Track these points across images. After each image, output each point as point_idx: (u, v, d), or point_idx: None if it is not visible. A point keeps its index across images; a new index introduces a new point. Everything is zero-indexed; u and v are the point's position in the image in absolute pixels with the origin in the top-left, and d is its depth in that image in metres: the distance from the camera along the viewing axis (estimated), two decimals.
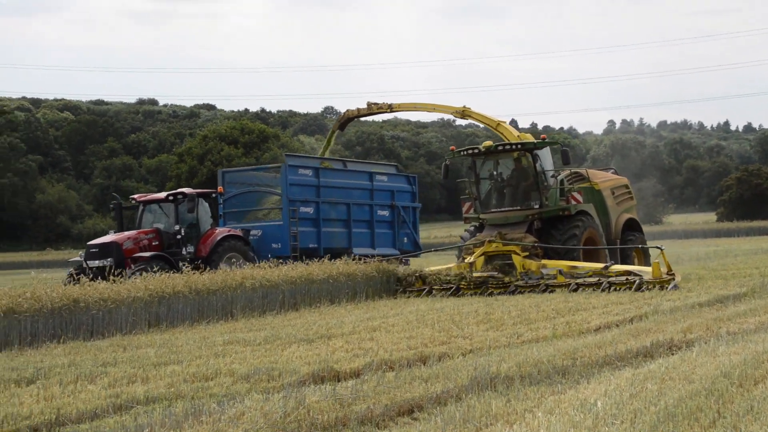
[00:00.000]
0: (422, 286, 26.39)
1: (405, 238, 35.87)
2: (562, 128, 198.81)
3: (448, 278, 26.03)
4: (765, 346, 12.68)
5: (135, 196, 31.21)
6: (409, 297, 25.48)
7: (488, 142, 28.75)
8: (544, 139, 29.73)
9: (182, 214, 28.80)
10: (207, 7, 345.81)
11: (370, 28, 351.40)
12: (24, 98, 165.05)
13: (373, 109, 35.02)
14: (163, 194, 29.84)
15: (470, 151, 28.87)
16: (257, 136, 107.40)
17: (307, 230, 31.82)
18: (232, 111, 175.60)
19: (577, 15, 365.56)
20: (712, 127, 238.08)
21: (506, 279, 25.24)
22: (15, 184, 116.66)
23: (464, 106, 32.92)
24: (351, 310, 22.68)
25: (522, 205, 28.06)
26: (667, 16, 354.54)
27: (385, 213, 35.15)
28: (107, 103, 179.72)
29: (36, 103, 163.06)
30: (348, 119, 35.95)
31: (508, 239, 26.42)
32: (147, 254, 27.24)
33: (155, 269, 24.43)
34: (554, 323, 17.06)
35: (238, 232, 30.08)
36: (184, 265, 25.66)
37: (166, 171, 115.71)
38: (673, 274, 23.96)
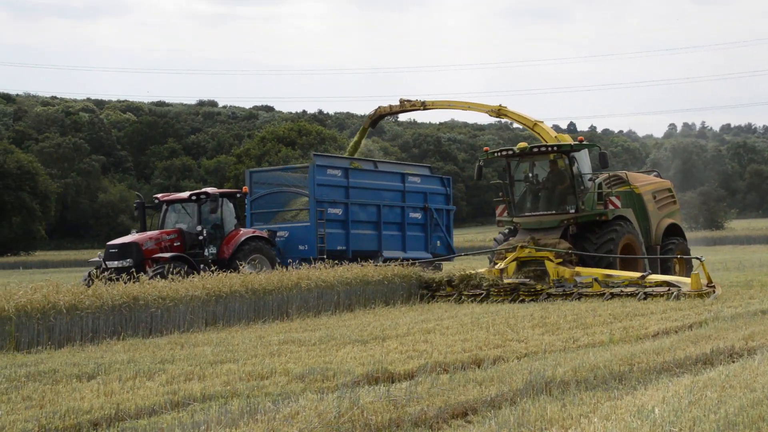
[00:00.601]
0: (451, 291, 25.57)
1: (438, 242, 35.24)
2: (621, 131, 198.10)
3: (479, 283, 25.08)
4: None
5: (158, 195, 30.86)
6: (439, 301, 25.14)
7: (523, 144, 27.98)
8: (581, 141, 28.23)
9: (205, 215, 28.45)
10: (265, 10, 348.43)
11: (429, 30, 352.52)
12: (88, 99, 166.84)
13: (406, 106, 34.36)
14: (186, 194, 29.53)
15: (505, 153, 28.18)
16: (314, 137, 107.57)
17: (336, 232, 31.34)
18: (290, 113, 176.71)
19: (639, 17, 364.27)
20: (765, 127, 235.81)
21: (538, 286, 24.40)
22: (78, 183, 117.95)
23: (500, 105, 32.27)
24: (405, 311, 22.61)
25: (557, 209, 27.24)
26: (731, 18, 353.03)
27: (418, 215, 34.49)
28: (168, 105, 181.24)
29: (100, 104, 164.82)
30: (380, 116, 35.45)
31: (541, 245, 25.87)
32: (167, 255, 26.88)
33: (175, 271, 23.62)
34: (611, 328, 16.91)
35: (263, 234, 29.65)
36: (204, 267, 25.55)
37: (225, 172, 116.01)
38: (714, 286, 23.19)
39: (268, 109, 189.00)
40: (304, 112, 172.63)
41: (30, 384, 12.58)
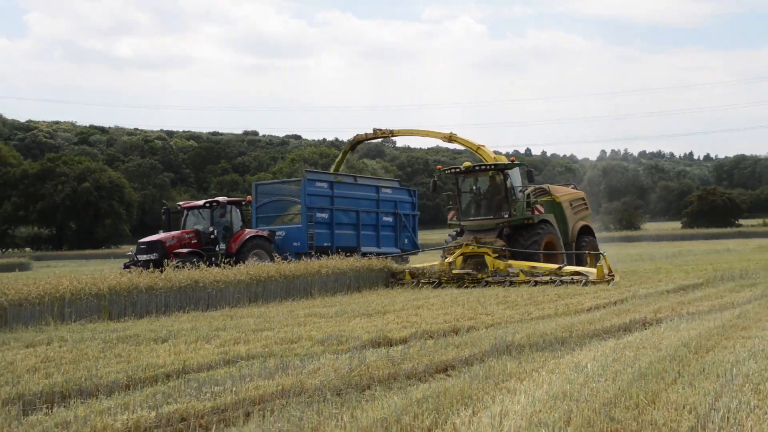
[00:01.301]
0: (411, 279, 24.99)
1: (406, 240, 34.50)
2: (565, 155, 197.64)
3: (432, 273, 24.75)
4: (716, 323, 12.72)
5: (180, 202, 30.26)
6: (404, 287, 24.45)
7: (467, 163, 27.70)
8: (513, 161, 28.17)
9: (216, 218, 27.68)
10: (295, 62, 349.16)
11: (418, 77, 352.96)
12: (161, 130, 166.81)
13: (378, 133, 33.45)
14: (201, 202, 28.92)
15: (453, 170, 27.62)
16: (332, 159, 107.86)
17: (322, 232, 30.44)
18: (314, 140, 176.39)
19: (579, 69, 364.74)
20: (680, 156, 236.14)
21: (479, 276, 23.86)
22: (154, 194, 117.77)
23: (451, 133, 31.62)
24: (401, 293, 22.56)
25: (494, 214, 26.48)
26: (652, 71, 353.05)
27: (389, 219, 33.71)
28: (221, 134, 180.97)
29: (170, 134, 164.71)
30: (358, 141, 34.46)
31: (481, 243, 25.19)
32: (185, 250, 26.39)
33: (193, 262, 23.23)
34: (556, 305, 16.94)
35: (264, 233, 28.99)
36: (215, 259, 25.24)
37: None
38: (613, 275, 22.67)
39: (297, 137, 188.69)
40: (324, 139, 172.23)
41: (119, 345, 12.62)
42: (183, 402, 8.04)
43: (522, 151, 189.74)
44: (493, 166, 26.97)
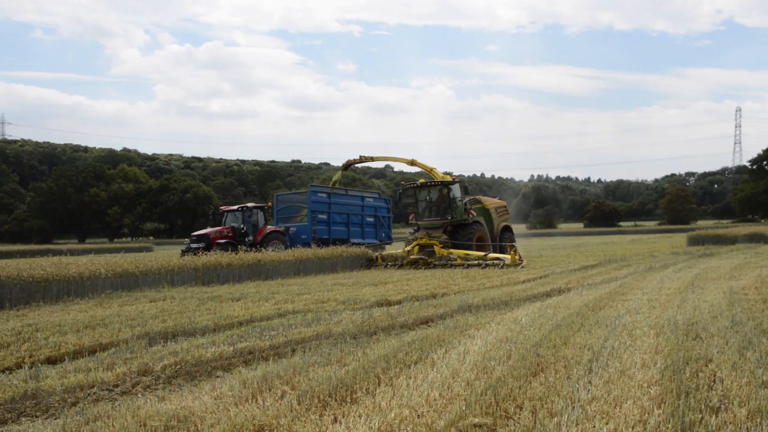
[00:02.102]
0: (381, 262, 23.78)
1: (383, 234, 33.05)
2: (508, 177, 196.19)
3: (396, 258, 23.56)
4: (605, 290, 12.66)
5: (222, 207, 28.93)
6: (385, 268, 23.12)
7: (422, 180, 26.80)
8: (454, 179, 26.71)
9: (246, 218, 26.48)
10: (326, 114, 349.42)
11: (409, 123, 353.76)
12: (238, 159, 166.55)
13: (363, 159, 31.39)
14: (236, 207, 27.38)
15: (412, 186, 26.63)
16: (351, 179, 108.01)
17: (323, 228, 29.09)
18: (339, 165, 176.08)
19: (515, 121, 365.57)
20: (581, 179, 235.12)
21: (429, 260, 22.68)
22: (232, 202, 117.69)
23: (413, 159, 29.91)
24: (398, 270, 22.44)
25: (441, 217, 25.17)
26: (562, 123, 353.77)
27: (371, 219, 32.37)
28: (277, 162, 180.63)
29: (243, 162, 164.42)
30: (349, 164, 32.36)
31: (431, 237, 24.11)
32: (222, 241, 25.33)
33: (228, 250, 22.89)
34: (501, 279, 16.86)
35: (280, 229, 27.60)
36: (243, 248, 23.59)
37: None
38: (522, 260, 21.51)
39: (327, 164, 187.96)
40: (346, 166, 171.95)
41: (209, 302, 12.56)
42: (250, 341, 8.00)
43: (478, 174, 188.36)
44: (439, 183, 25.76)
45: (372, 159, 31.33)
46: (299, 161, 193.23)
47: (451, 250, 22.90)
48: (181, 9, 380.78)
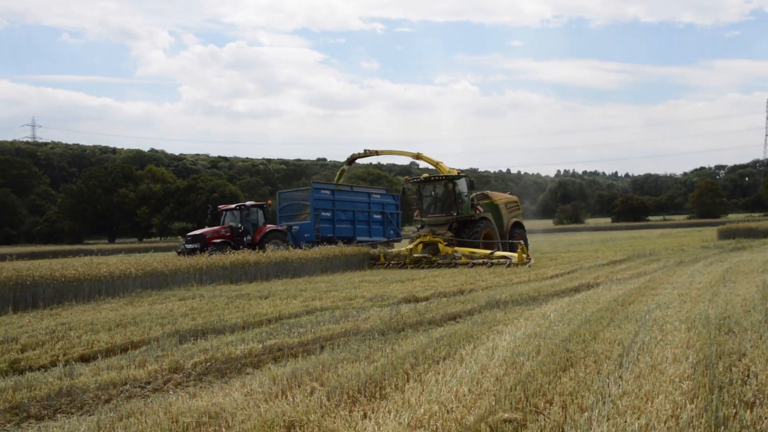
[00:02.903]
0: (384, 261, 22.69)
1: (392, 231, 31.58)
2: (537, 173, 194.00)
3: (399, 257, 22.55)
4: (634, 285, 12.55)
5: (220, 206, 27.61)
6: (386, 268, 22.04)
7: (426, 175, 25.69)
8: (459, 173, 25.34)
9: (244, 217, 25.59)
10: (351, 112, 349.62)
11: (433, 120, 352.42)
12: (264, 158, 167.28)
13: (367, 152, 30.45)
14: (233, 205, 26.58)
15: (416, 180, 25.40)
16: (376, 176, 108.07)
17: (326, 226, 27.91)
18: (363, 163, 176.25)
19: (539, 116, 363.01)
20: (608, 174, 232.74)
21: (433, 259, 21.50)
22: (258, 201, 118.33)
23: (418, 152, 28.86)
24: (425, 268, 22.43)
25: (446, 213, 24.12)
26: (588, 117, 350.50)
27: (379, 216, 30.85)
28: (303, 160, 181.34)
29: (269, 160, 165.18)
30: (354, 158, 31.19)
31: (436, 234, 22.96)
32: (218, 241, 24.33)
33: (224, 250, 21.60)
34: (529, 274, 16.77)
35: (280, 227, 26.51)
36: (241, 247, 22.87)
37: None
38: (530, 258, 20.64)
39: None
40: (370, 163, 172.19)
41: (237, 300, 12.66)
42: (279, 338, 8.05)
43: (504, 170, 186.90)
44: (444, 177, 24.64)
45: (377, 153, 30.52)
46: (325, 159, 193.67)
47: (456, 248, 21.98)
48: (205, 10, 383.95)
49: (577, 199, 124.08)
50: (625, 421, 4.40)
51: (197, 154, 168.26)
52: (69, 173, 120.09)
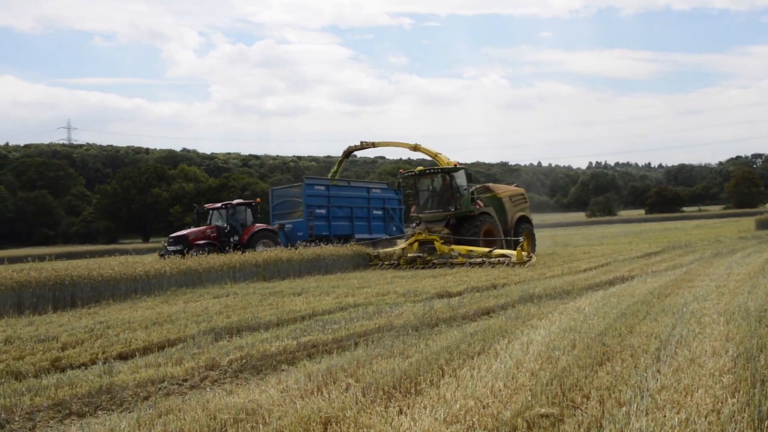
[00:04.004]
0: (378, 261, 21.16)
1: (394, 227, 29.98)
2: (568, 165, 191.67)
3: (393, 256, 21.12)
4: (670, 277, 12.46)
5: (206, 205, 26.04)
6: (376, 269, 20.54)
7: (420, 167, 23.89)
8: (456, 165, 23.66)
9: (230, 216, 24.26)
10: (378, 108, 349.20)
11: (462, 114, 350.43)
12: (294, 156, 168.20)
13: (364, 145, 28.82)
14: (219, 204, 25.32)
15: (410, 173, 23.80)
16: (408, 170, 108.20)
17: (321, 223, 26.56)
18: (392, 159, 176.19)
19: (568, 109, 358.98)
20: (641, 165, 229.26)
21: (428, 258, 19.93)
22: None
23: (416, 143, 27.12)
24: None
25: (443, 208, 22.13)
26: (619, 108, 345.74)
27: (379, 212, 29.38)
28: (333, 157, 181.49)
29: (299, 158, 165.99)
30: (350, 151, 29.63)
31: (432, 231, 21.29)
32: (202, 242, 23.05)
33: (204, 252, 20.72)
34: (563, 267, 16.66)
35: (269, 227, 25.27)
36: (228, 248, 22.32)
37: None
38: (531, 257, 18.97)
39: (382, 157, 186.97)
40: (400, 158, 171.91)
41: (271, 297, 12.76)
42: (313, 335, 8.09)
43: (534, 163, 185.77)
44: (440, 170, 22.93)
45: (374, 145, 29.07)
46: (354, 156, 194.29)
47: (453, 246, 20.42)
48: (233, 10, 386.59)
49: (609, 190, 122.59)
50: (665, 416, 4.34)
51: (228, 153, 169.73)
52: (104, 174, 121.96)
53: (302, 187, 27.10)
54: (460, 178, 22.51)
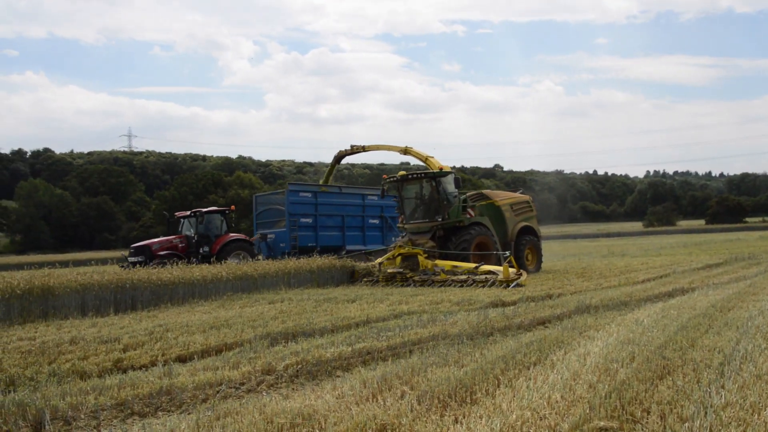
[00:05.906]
0: (357, 277, 18.85)
1: (393, 238, 26.16)
2: (625, 174, 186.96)
3: (371, 272, 18.77)
4: (733, 290, 12.09)
5: (177, 213, 24.70)
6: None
7: (402, 172, 21.20)
8: (442, 168, 20.83)
9: (199, 225, 22.93)
10: (433, 116, 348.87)
11: (515, 122, 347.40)
12: (348, 163, 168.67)
13: (355, 149, 26.49)
14: (188, 212, 23.99)
15: (393, 179, 20.68)
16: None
17: (307, 234, 24.96)
18: (446, 165, 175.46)
19: (626, 114, 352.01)
20: (701, 174, 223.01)
21: (408, 274, 17.51)
22: None
23: (406, 146, 24.62)
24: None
25: (430, 217, 19.87)
26: (678, 116, 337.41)
27: (376, 221, 27.62)
28: (386, 165, 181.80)
29: (353, 165, 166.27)
30: (341, 156, 27.13)
31: (416, 244, 18.89)
32: (164, 253, 21.86)
33: (165, 263, 18.62)
34: (619, 279, 16.33)
35: (244, 237, 23.70)
36: (195, 260, 21.08)
37: None
38: (520, 273, 15.99)
39: (406, 164, 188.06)
40: (454, 166, 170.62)
41: (325, 304, 12.83)
42: (368, 341, 8.12)
43: (590, 172, 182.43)
44: (423, 174, 20.37)
45: (364, 149, 26.84)
46: (408, 163, 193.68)
47: (437, 261, 18.10)
48: (288, 19, 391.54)
49: (668, 200, 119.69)
50: None
51: (283, 160, 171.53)
52: (162, 180, 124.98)
53: (285, 193, 25.56)
54: (449, 184, 20.27)
